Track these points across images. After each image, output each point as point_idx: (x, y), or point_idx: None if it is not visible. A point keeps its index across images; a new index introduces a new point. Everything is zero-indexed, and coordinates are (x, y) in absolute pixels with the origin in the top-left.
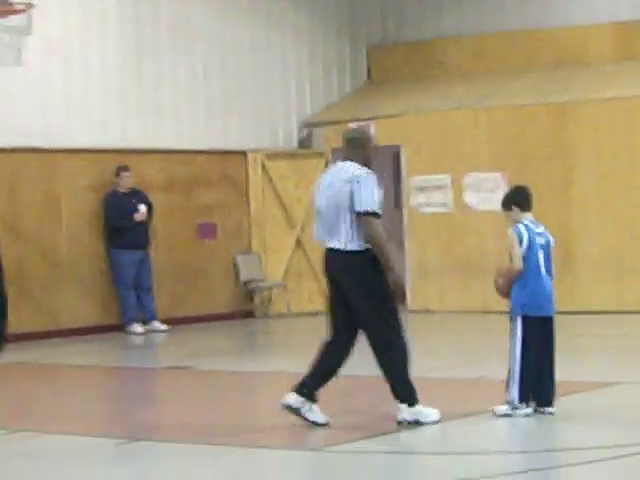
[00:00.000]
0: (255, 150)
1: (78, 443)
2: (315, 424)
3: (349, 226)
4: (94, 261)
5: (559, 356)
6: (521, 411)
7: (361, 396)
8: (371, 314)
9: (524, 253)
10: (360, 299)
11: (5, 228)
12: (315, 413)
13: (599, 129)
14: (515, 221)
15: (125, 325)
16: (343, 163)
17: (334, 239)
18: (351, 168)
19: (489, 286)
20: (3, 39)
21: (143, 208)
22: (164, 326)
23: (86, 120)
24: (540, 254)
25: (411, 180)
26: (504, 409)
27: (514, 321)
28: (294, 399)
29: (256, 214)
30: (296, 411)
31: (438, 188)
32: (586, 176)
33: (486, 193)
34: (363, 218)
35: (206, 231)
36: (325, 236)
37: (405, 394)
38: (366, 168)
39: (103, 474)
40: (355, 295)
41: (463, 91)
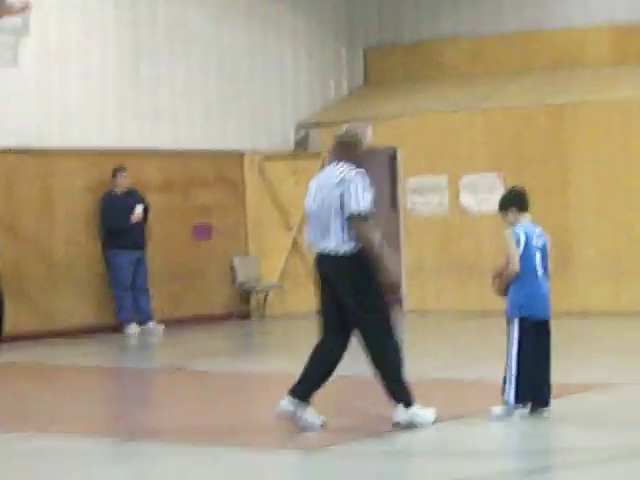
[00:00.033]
0: (252, 151)
1: (76, 444)
2: (311, 425)
3: (340, 228)
4: (91, 262)
5: (555, 357)
6: (517, 412)
7: (355, 397)
8: (363, 316)
9: (521, 255)
10: (352, 301)
11: (2, 229)
12: (310, 415)
13: (596, 131)
14: (512, 223)
15: (121, 326)
16: (335, 165)
17: (325, 241)
18: (342, 169)
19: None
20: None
21: (140, 209)
22: (160, 327)
23: (83, 122)
24: (537, 256)
25: (408, 181)
26: (500, 410)
27: (511, 323)
28: (288, 402)
29: (253, 215)
30: (291, 414)
31: (435, 189)
32: (583, 178)
33: (483, 194)
34: (354, 219)
35: (202, 232)
36: (316, 239)
37: (400, 395)
38: (357, 169)
39: (101, 474)
40: (347, 297)
41: (460, 93)
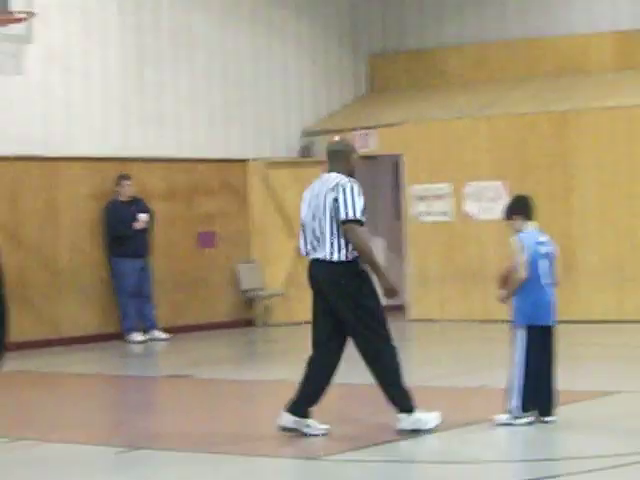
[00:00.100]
0: (256, 159)
1: (79, 451)
2: (315, 435)
3: (334, 236)
4: (95, 269)
5: (560, 365)
6: (522, 420)
7: (355, 405)
8: (358, 324)
9: (527, 262)
10: (346, 310)
11: (6, 236)
12: (313, 428)
13: (600, 138)
14: (518, 231)
15: (125, 334)
16: (328, 175)
17: (319, 250)
18: (335, 178)
19: (490, 295)
20: (3, 47)
21: (144, 217)
22: (164, 334)
23: (87, 128)
24: (543, 263)
25: (411, 189)
26: (505, 418)
27: (516, 330)
28: (289, 420)
29: (257, 223)
30: (294, 431)
31: (438, 197)
32: (587, 185)
33: (487, 202)
34: (346, 226)
35: (206, 240)
36: (310, 248)
37: (402, 403)
38: (350, 178)
39: None
40: (341, 306)
41: (464, 100)
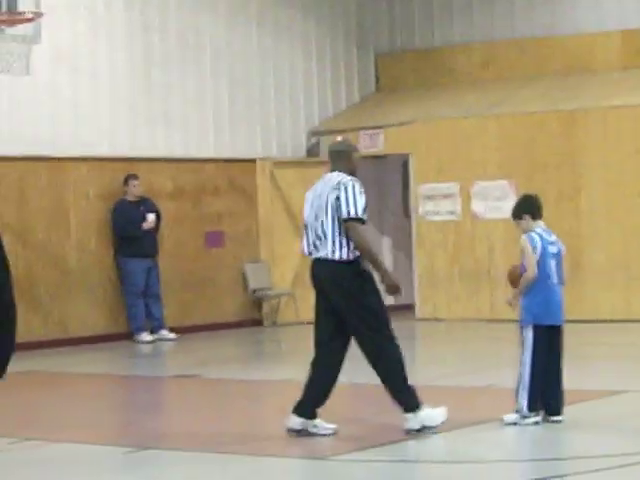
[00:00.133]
0: (263, 158)
1: (87, 451)
2: (323, 435)
3: (336, 235)
4: (103, 270)
5: (567, 364)
6: (530, 419)
7: (362, 404)
8: (361, 324)
9: (537, 261)
10: (348, 309)
11: (14, 237)
12: (320, 428)
13: (607, 137)
14: (526, 230)
15: (134, 333)
16: (330, 174)
17: (321, 249)
18: (337, 177)
19: (497, 294)
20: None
21: (151, 217)
22: (172, 334)
23: (95, 129)
24: (552, 263)
25: (420, 188)
26: (513, 417)
27: (525, 329)
28: (296, 422)
29: (264, 222)
30: (301, 432)
31: (447, 196)
32: (594, 184)
33: (494, 201)
34: (348, 224)
35: (213, 240)
36: (312, 247)
37: (407, 402)
38: (352, 177)
39: None
40: (343, 305)
41: (472, 99)
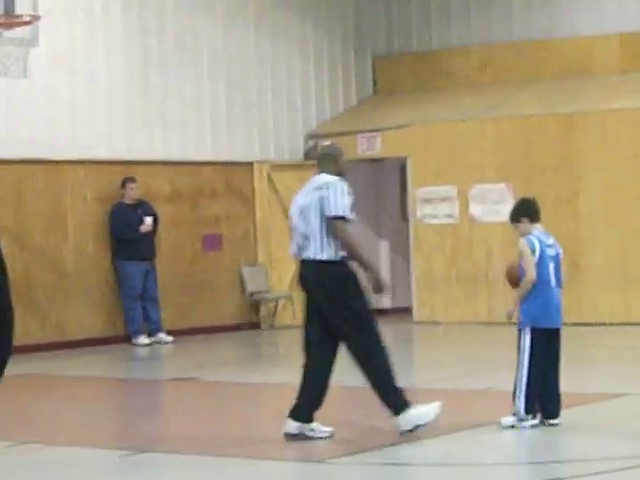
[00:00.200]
0: (261, 161)
1: (83, 455)
2: (320, 438)
3: (322, 235)
4: (100, 272)
5: (566, 367)
6: (527, 423)
7: (357, 407)
8: (345, 326)
9: (535, 264)
10: (333, 311)
11: (12, 239)
12: (317, 432)
13: (606, 140)
14: (524, 234)
15: (131, 336)
16: (318, 176)
17: (307, 249)
18: (323, 178)
19: (495, 297)
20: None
21: (149, 220)
22: (170, 337)
23: (92, 132)
24: (551, 266)
25: (417, 191)
26: (510, 420)
27: (523, 332)
28: (293, 427)
29: (262, 225)
30: (298, 437)
31: (444, 199)
32: (593, 187)
33: (491, 204)
34: (332, 222)
35: (211, 243)
36: (299, 248)
37: (396, 404)
38: (339, 178)
39: None
40: (327, 306)
41: (470, 102)
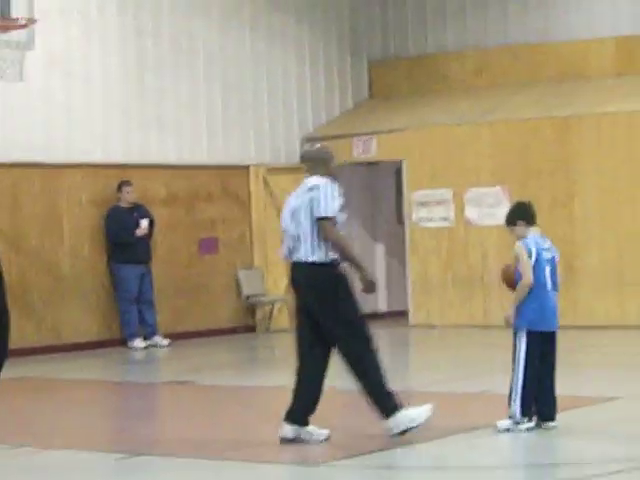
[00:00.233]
0: (257, 165)
1: (79, 458)
2: (317, 441)
3: (312, 236)
4: (96, 276)
5: (561, 371)
6: (523, 425)
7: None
8: (335, 328)
9: (532, 267)
10: (322, 312)
11: (7, 243)
12: (314, 435)
13: (601, 143)
14: (520, 237)
15: (127, 340)
16: (309, 178)
17: (298, 251)
18: (314, 180)
19: (491, 300)
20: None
21: (145, 223)
22: (165, 341)
23: (88, 135)
24: (547, 269)
25: (413, 194)
26: (506, 424)
27: (518, 335)
28: (289, 430)
29: (258, 228)
30: (295, 440)
31: (440, 202)
32: (588, 190)
33: (487, 208)
34: (320, 223)
35: (207, 246)
36: (290, 250)
37: (386, 407)
38: (329, 179)
39: None
40: (317, 308)
41: (466, 105)
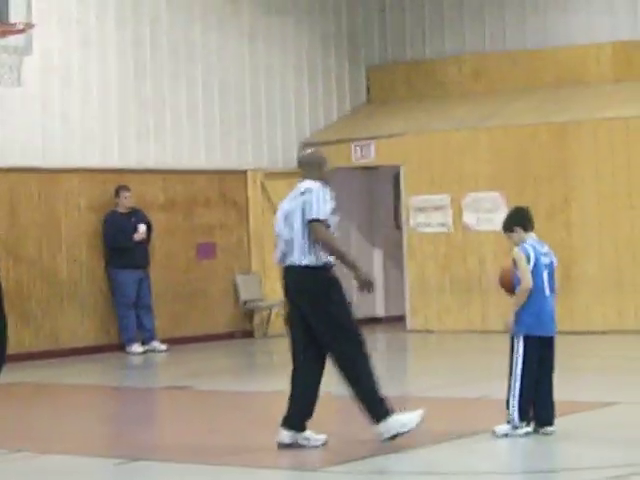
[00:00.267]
0: (255, 170)
1: (78, 463)
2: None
3: (304, 240)
4: (94, 281)
5: (559, 376)
6: (521, 430)
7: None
8: (327, 332)
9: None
10: (314, 316)
11: (5, 249)
12: (311, 440)
13: (599, 149)
14: (518, 243)
15: (125, 345)
16: (302, 182)
17: (290, 255)
18: (306, 184)
19: (488, 306)
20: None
21: (143, 228)
22: (163, 346)
23: (86, 140)
24: (545, 274)
25: (411, 200)
26: (504, 428)
27: (516, 339)
28: (286, 436)
29: (255, 233)
30: (292, 446)
31: (438, 208)
32: (586, 196)
33: (485, 213)
34: (311, 225)
35: (205, 251)
36: (282, 254)
37: (378, 412)
38: (321, 184)
39: None
40: (311, 313)
41: (464, 111)
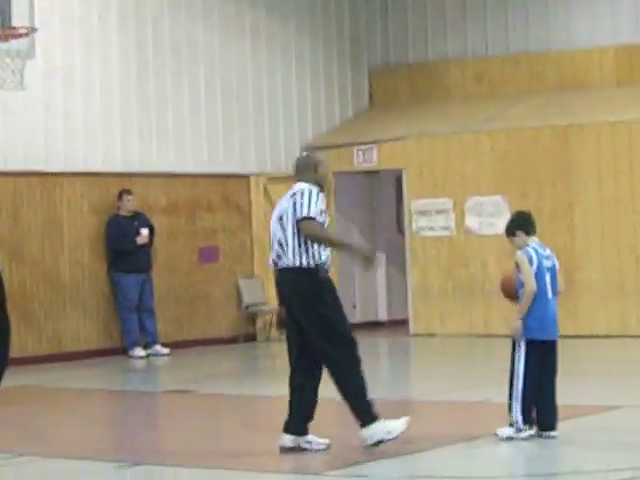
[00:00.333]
0: (257, 174)
1: (79, 467)
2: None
3: (297, 241)
4: (96, 284)
5: (562, 380)
6: (524, 433)
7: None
8: (319, 335)
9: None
10: (305, 318)
11: (8, 251)
12: (313, 443)
13: (602, 152)
14: (520, 247)
15: (127, 348)
16: (296, 184)
17: (284, 257)
18: (299, 186)
19: (491, 310)
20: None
21: (145, 231)
22: (166, 349)
23: (88, 143)
24: (547, 277)
25: (413, 203)
26: (507, 431)
27: (519, 344)
28: (288, 440)
29: (258, 237)
30: (294, 449)
31: (440, 212)
32: (588, 199)
33: (487, 217)
34: (300, 223)
35: (207, 255)
36: (276, 257)
37: (363, 417)
38: (314, 186)
39: None
40: (303, 315)
41: (466, 114)
